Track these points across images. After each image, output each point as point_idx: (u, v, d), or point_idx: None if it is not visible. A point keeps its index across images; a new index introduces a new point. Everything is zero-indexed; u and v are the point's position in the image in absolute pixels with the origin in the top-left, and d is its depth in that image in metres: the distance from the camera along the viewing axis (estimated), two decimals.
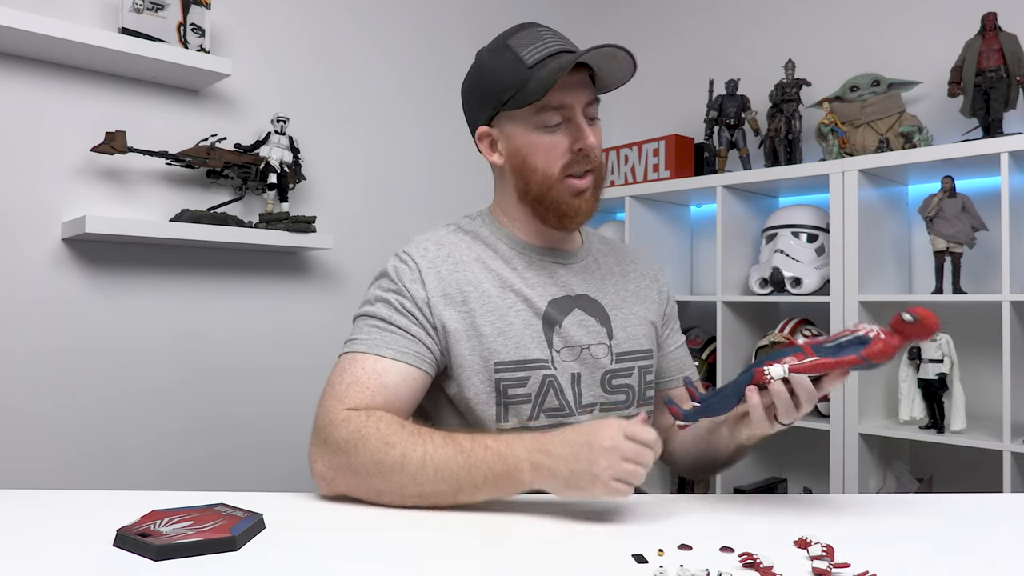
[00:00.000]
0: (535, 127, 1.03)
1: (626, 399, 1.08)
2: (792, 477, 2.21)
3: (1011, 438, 1.62)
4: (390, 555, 0.69)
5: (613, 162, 2.42)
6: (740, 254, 2.17)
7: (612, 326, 1.09)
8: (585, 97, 1.03)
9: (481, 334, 1.01)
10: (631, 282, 1.16)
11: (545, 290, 1.07)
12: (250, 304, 1.82)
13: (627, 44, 1.05)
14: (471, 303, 1.02)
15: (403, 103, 2.13)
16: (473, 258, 1.07)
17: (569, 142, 1.03)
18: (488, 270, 1.06)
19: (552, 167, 1.03)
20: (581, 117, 1.02)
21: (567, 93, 1.01)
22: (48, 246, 1.54)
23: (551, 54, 1.01)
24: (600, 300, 1.10)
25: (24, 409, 1.50)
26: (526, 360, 1.01)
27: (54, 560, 0.66)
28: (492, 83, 1.05)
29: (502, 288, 1.05)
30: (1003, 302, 1.64)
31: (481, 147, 1.10)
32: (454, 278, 1.03)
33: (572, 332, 1.05)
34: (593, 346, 1.06)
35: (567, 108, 1.01)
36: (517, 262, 1.08)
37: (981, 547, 0.73)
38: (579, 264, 1.13)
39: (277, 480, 1.82)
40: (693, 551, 0.70)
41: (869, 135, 1.92)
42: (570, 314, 1.06)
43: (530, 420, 1.02)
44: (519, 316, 1.03)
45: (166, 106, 1.69)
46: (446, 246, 1.07)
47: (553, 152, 1.03)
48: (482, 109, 1.09)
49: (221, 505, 0.79)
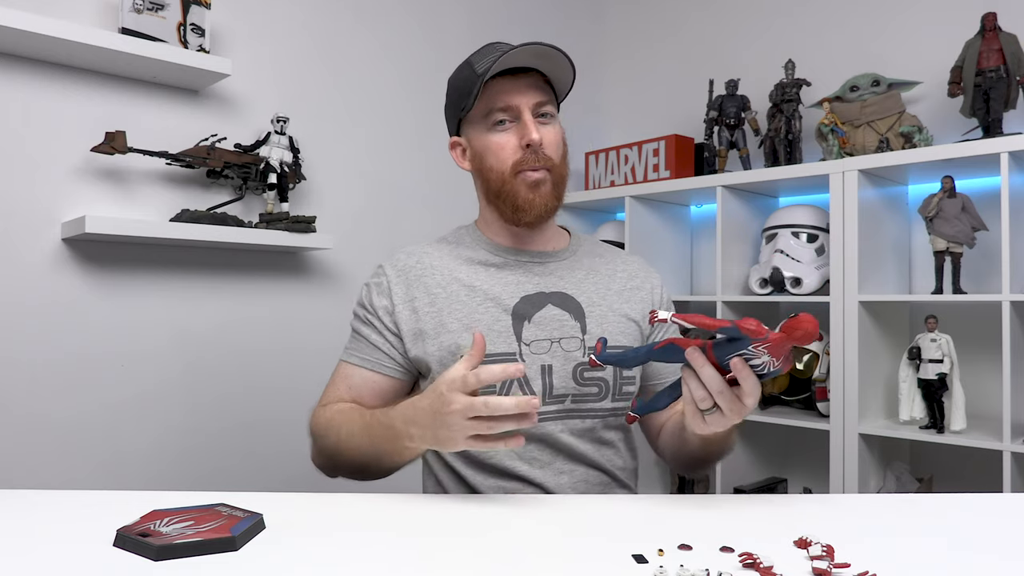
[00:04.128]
0: (487, 129, 1.11)
1: (599, 391, 1.10)
2: (792, 477, 2.21)
3: (1011, 438, 1.62)
4: (390, 555, 0.70)
5: (613, 162, 2.42)
6: (740, 254, 2.17)
7: (587, 321, 1.11)
8: (534, 97, 1.09)
9: (449, 330, 1.08)
10: (616, 282, 1.18)
11: (518, 287, 1.12)
12: (250, 304, 1.82)
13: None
14: (439, 303, 1.10)
15: (403, 103, 2.13)
16: (444, 265, 1.15)
17: (517, 139, 1.09)
18: (456, 274, 1.13)
19: (504, 164, 1.09)
20: (528, 116, 1.08)
21: (514, 94, 1.08)
22: (48, 246, 1.54)
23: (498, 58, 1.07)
24: (576, 297, 1.13)
25: (24, 409, 1.50)
26: (492, 354, 1.06)
27: (54, 560, 0.66)
28: (453, 94, 1.15)
29: (469, 289, 1.11)
30: (1003, 302, 1.64)
31: (454, 157, 1.18)
32: (422, 283, 1.12)
33: (543, 326, 1.09)
34: (564, 339, 1.09)
35: (513, 108, 1.08)
36: (492, 263, 1.15)
37: (981, 547, 0.73)
38: (557, 263, 1.17)
39: (277, 480, 1.82)
40: (693, 551, 0.70)
41: (869, 135, 1.92)
42: (543, 308, 1.10)
43: None
44: (487, 313, 1.09)
45: (166, 106, 1.69)
46: (417, 255, 1.16)
47: (504, 150, 1.09)
48: (451, 120, 1.18)
49: (221, 505, 0.79)
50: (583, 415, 1.09)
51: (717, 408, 0.83)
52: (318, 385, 1.17)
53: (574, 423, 1.08)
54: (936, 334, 1.74)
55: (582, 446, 1.09)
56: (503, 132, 1.09)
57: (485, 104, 1.09)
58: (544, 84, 1.11)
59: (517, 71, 1.08)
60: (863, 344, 1.84)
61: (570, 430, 1.08)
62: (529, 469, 1.06)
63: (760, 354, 0.78)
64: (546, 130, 1.09)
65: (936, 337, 1.74)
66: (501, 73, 1.07)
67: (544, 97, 1.10)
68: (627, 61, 2.65)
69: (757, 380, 0.81)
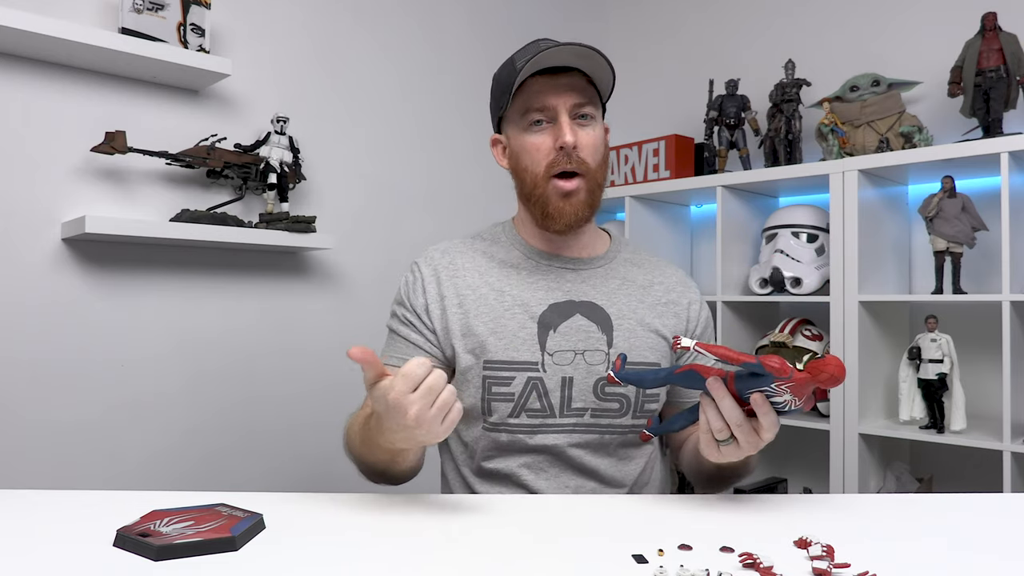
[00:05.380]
0: (524, 128, 1.08)
1: (619, 408, 1.07)
2: (792, 477, 2.21)
3: (1011, 438, 1.62)
4: (390, 555, 0.70)
5: (613, 162, 2.42)
6: (740, 254, 2.17)
7: (614, 334, 1.08)
8: (572, 99, 1.05)
9: (475, 333, 1.07)
10: (650, 295, 1.15)
11: (548, 294, 1.10)
12: (250, 304, 1.82)
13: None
14: (467, 305, 1.09)
15: (403, 103, 2.13)
16: (474, 266, 1.13)
17: (552, 140, 1.05)
18: (487, 276, 1.11)
19: (538, 166, 1.07)
20: (565, 116, 1.04)
21: (551, 94, 1.04)
22: (48, 246, 1.54)
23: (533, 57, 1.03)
24: (606, 308, 1.10)
25: (24, 409, 1.50)
26: (514, 361, 1.05)
27: (54, 560, 0.66)
28: (495, 91, 1.12)
29: (499, 293, 1.09)
30: (1003, 302, 1.64)
31: (495, 154, 1.16)
32: (452, 283, 1.11)
33: (568, 336, 1.07)
34: (588, 352, 1.06)
35: (550, 109, 1.05)
36: (524, 267, 1.12)
37: (981, 547, 0.73)
38: (591, 271, 1.14)
39: (277, 480, 1.82)
40: (693, 551, 0.70)
41: (869, 135, 1.92)
42: (570, 318, 1.08)
43: (511, 417, 1.06)
44: (514, 319, 1.07)
45: (166, 106, 1.69)
46: (450, 254, 1.14)
47: (538, 151, 1.06)
48: (493, 117, 1.16)
49: (221, 505, 0.79)
50: (602, 430, 1.07)
51: (733, 439, 0.82)
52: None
53: (591, 437, 1.07)
54: (936, 334, 1.74)
55: (596, 461, 1.07)
56: (539, 133, 1.06)
57: (522, 103, 1.06)
58: (586, 84, 1.07)
59: (557, 70, 1.05)
60: (863, 344, 1.84)
61: (585, 444, 1.06)
62: (535, 479, 1.05)
63: (782, 392, 0.77)
64: (583, 132, 1.06)
65: (936, 337, 1.74)
66: (541, 72, 1.04)
67: (583, 98, 1.06)
68: (627, 61, 2.65)
69: (776, 417, 0.80)
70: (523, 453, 1.07)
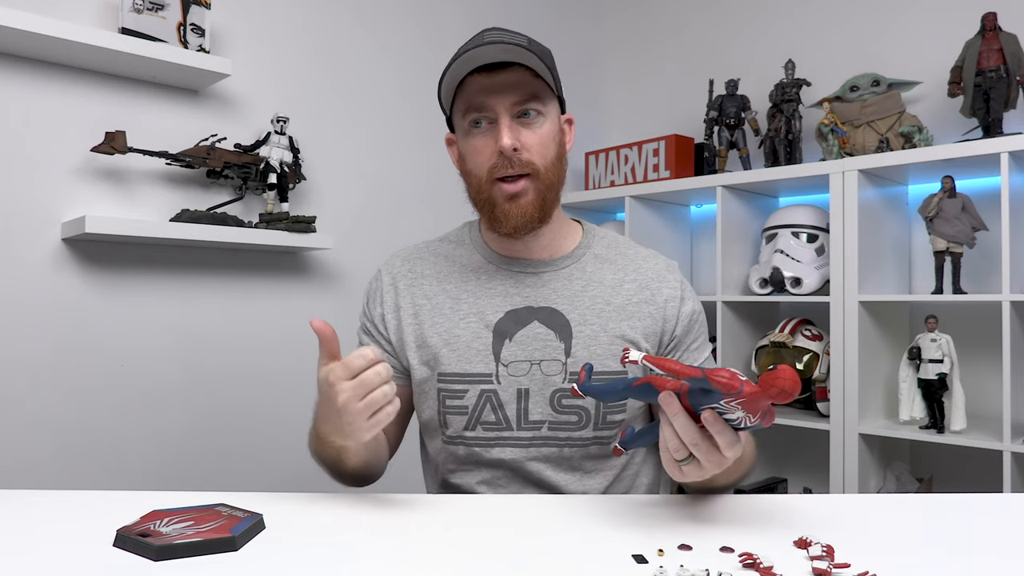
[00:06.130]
0: (466, 131, 1.01)
1: (579, 420, 1.00)
2: (792, 477, 2.21)
3: (1011, 438, 1.62)
4: (390, 555, 0.69)
5: (613, 162, 2.42)
6: (740, 254, 2.17)
7: (572, 342, 1.01)
8: (511, 97, 0.96)
9: (429, 344, 1.04)
10: (619, 295, 1.06)
11: (505, 300, 1.04)
12: (250, 304, 1.82)
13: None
14: (422, 316, 1.06)
15: (403, 103, 2.13)
16: (435, 272, 1.09)
17: (494, 143, 0.97)
18: (445, 284, 1.07)
19: (481, 169, 1.00)
20: (505, 118, 0.96)
21: (488, 94, 0.96)
22: (48, 246, 1.54)
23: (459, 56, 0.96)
24: (567, 313, 1.03)
25: (24, 409, 1.50)
26: (467, 373, 1.01)
27: (54, 560, 0.66)
28: (440, 88, 1.04)
29: (455, 301, 1.05)
30: (1003, 302, 1.64)
31: (451, 155, 1.10)
32: (409, 292, 1.08)
33: (524, 345, 1.01)
34: (545, 362, 1.01)
35: (489, 109, 0.97)
36: (484, 272, 1.07)
37: (981, 547, 0.73)
38: (553, 273, 1.06)
39: (277, 480, 1.82)
40: (693, 551, 0.70)
41: (869, 135, 1.92)
42: (527, 326, 1.02)
43: (466, 430, 1.02)
44: (468, 328, 1.03)
45: (166, 106, 1.69)
46: (411, 260, 1.11)
47: (480, 154, 0.99)
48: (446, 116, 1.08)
49: (221, 505, 0.79)
50: (561, 444, 1.01)
51: (693, 458, 0.74)
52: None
53: (550, 451, 1.01)
54: (936, 334, 1.74)
55: (557, 475, 1.01)
56: (480, 135, 0.99)
57: (463, 103, 0.99)
58: (532, 78, 0.97)
59: (496, 66, 0.96)
60: (863, 344, 1.84)
61: (544, 458, 1.01)
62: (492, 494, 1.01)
63: (734, 409, 0.69)
64: (528, 132, 0.98)
65: (936, 337, 1.74)
66: (480, 69, 0.96)
67: (524, 95, 0.97)
68: (627, 61, 2.65)
69: (734, 434, 0.72)
70: (481, 467, 1.03)
